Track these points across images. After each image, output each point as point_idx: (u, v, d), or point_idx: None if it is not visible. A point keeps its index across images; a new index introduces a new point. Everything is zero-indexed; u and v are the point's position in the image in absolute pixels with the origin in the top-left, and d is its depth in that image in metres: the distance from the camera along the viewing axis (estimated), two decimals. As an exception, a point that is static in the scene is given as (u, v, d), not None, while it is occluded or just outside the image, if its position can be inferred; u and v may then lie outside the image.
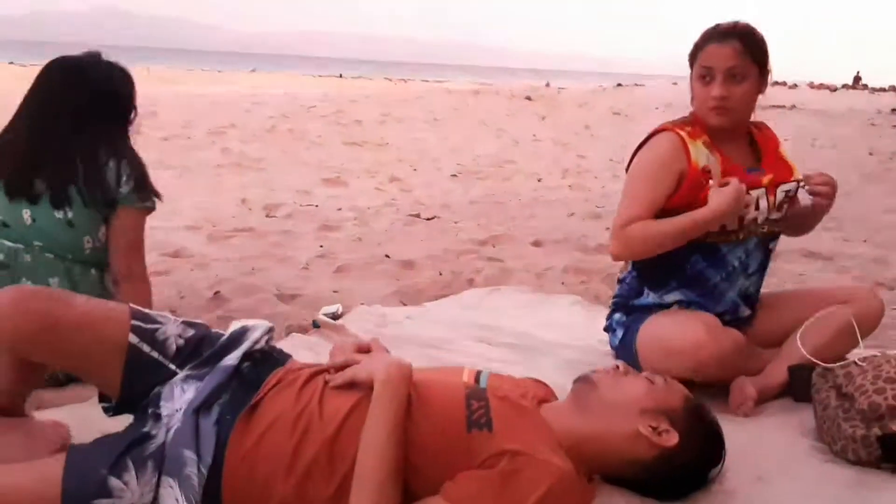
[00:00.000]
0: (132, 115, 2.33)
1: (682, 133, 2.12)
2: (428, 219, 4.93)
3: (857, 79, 44.56)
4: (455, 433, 1.48)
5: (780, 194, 2.17)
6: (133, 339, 1.59)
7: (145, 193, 2.21)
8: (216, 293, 3.10)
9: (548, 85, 24.27)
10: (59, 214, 2.14)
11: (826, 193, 2.17)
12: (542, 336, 2.65)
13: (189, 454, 1.45)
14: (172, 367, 1.61)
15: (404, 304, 3.08)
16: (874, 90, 31.28)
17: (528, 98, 16.04)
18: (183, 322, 1.69)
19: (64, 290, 1.91)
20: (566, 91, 21.88)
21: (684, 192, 2.09)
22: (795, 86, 29.71)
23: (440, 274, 3.55)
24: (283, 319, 2.80)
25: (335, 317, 2.78)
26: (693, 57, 2.16)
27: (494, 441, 1.47)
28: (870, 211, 5.53)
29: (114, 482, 1.40)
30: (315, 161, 7.01)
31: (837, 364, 1.94)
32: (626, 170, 2.27)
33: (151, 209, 2.26)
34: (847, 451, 1.77)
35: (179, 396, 1.56)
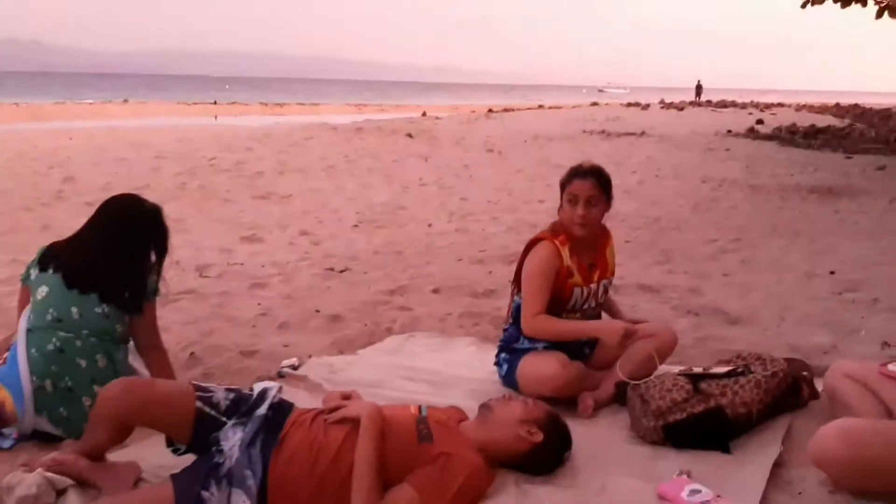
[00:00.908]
0: (166, 251, 3.22)
1: (557, 242, 3.19)
2: (341, 271, 5.82)
3: (698, 87, 48.23)
4: (411, 445, 2.46)
5: (601, 287, 3.29)
6: (199, 404, 2.49)
7: (159, 291, 3.13)
8: (192, 354, 3.91)
9: (424, 114, 25.50)
10: (97, 310, 2.99)
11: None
12: (450, 372, 3.62)
13: (248, 472, 2.37)
14: (224, 419, 2.52)
15: (342, 353, 4.00)
16: (714, 106, 34.13)
17: (409, 135, 17.15)
18: (225, 388, 2.61)
19: (147, 378, 2.80)
20: (441, 123, 23.16)
21: (557, 284, 3.19)
22: (648, 106, 32.24)
23: (364, 325, 4.45)
24: (252, 372, 3.66)
25: (295, 368, 3.69)
26: (563, 186, 3.23)
27: (435, 448, 2.45)
28: (693, 242, 6.79)
29: (205, 493, 2.31)
30: (230, 217, 7.75)
31: (641, 381, 3.04)
32: (518, 267, 3.31)
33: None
34: (646, 437, 2.85)
35: (233, 437, 2.46)
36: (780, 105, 41.70)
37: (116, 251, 3.05)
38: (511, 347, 3.38)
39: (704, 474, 2.54)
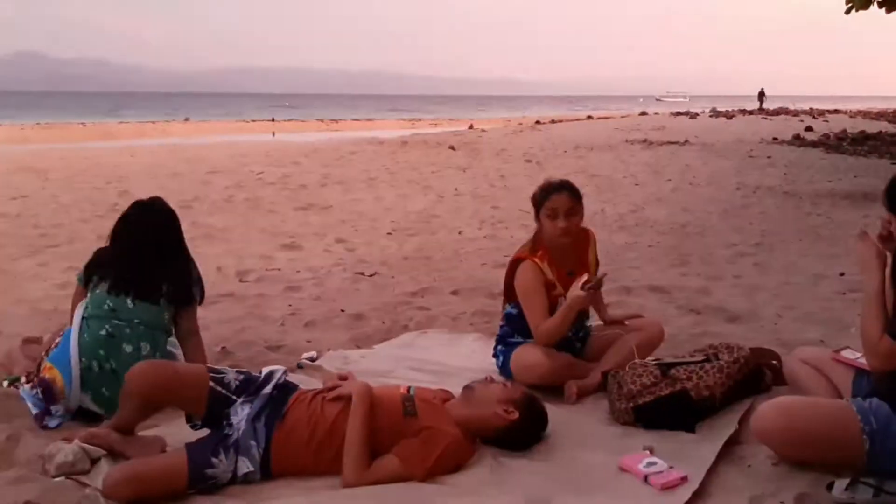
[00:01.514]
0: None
1: (536, 259, 3.48)
2: (370, 275, 6.18)
3: (761, 94, 47.55)
4: (397, 419, 2.77)
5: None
6: (212, 384, 2.85)
7: (203, 294, 3.53)
8: (223, 349, 4.30)
9: (471, 127, 25.91)
10: (151, 304, 3.41)
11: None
12: (454, 363, 3.94)
13: (252, 443, 2.72)
14: (234, 397, 2.86)
15: (359, 347, 4.33)
16: (767, 114, 33.65)
17: (452, 148, 17.54)
18: (236, 371, 2.97)
19: (167, 361, 3.19)
20: (486, 135, 23.53)
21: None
22: (697, 115, 32.03)
23: (383, 323, 4.80)
24: (275, 364, 4.04)
25: (313, 360, 4.05)
26: (540, 203, 3.48)
27: (418, 422, 2.76)
28: (713, 246, 6.97)
29: (214, 460, 2.66)
30: (272, 227, 8.21)
31: (621, 370, 3.29)
32: (506, 281, 3.62)
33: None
34: (619, 418, 3.11)
35: (241, 412, 2.81)
36: (836, 111, 40.90)
37: (145, 256, 3.45)
38: (506, 341, 3.69)
39: (666, 450, 2.79)
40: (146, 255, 3.45)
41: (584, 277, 3.35)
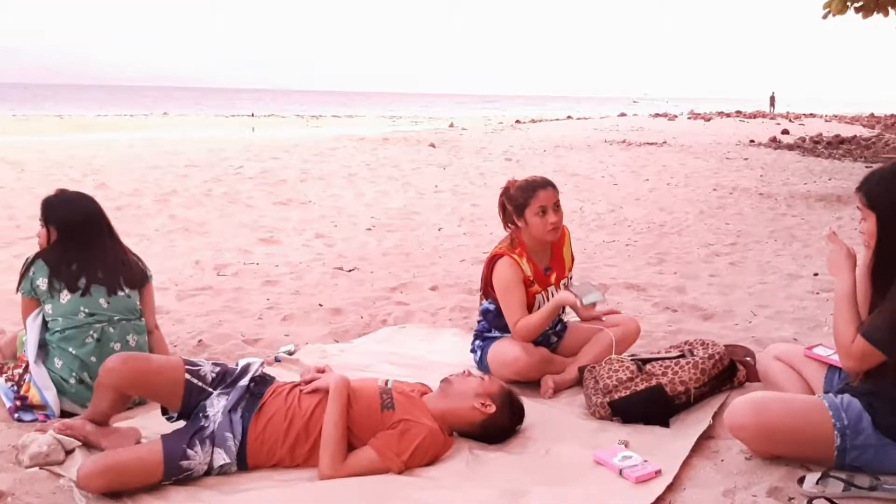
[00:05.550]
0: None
1: (514, 256, 3.49)
2: (349, 270, 6.16)
3: (772, 99, 48.03)
4: (374, 412, 2.77)
5: (562, 286, 3.58)
6: (188, 376, 2.83)
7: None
8: (199, 341, 4.28)
9: (451, 125, 25.99)
10: (120, 293, 3.37)
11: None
12: (432, 358, 3.95)
13: (228, 435, 2.71)
14: (210, 389, 2.85)
15: (337, 342, 4.34)
16: (743, 116, 33.96)
17: (432, 145, 17.53)
18: (212, 363, 2.95)
19: (143, 353, 3.17)
20: (467, 133, 23.55)
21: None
22: (675, 117, 32.35)
23: (361, 317, 4.79)
24: (252, 357, 4.03)
25: (291, 353, 4.04)
26: (526, 202, 3.45)
27: (396, 415, 2.77)
28: (690, 245, 7.03)
29: (190, 451, 2.64)
30: (250, 222, 8.16)
31: (597, 365, 3.32)
32: (483, 277, 3.62)
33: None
34: (595, 412, 3.13)
35: (217, 404, 2.80)
36: (812, 115, 41.38)
37: (98, 248, 3.41)
38: (483, 336, 3.70)
39: (641, 444, 2.83)
40: (99, 248, 3.41)
41: (570, 278, 3.38)
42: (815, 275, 5.68)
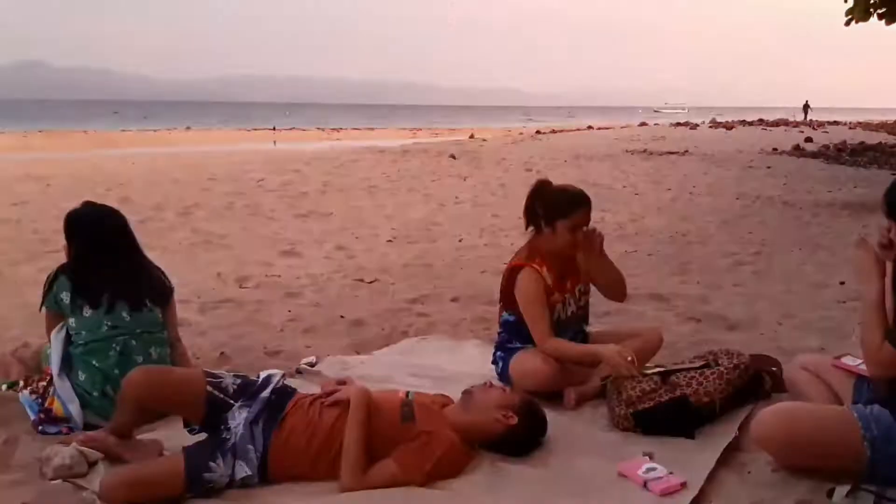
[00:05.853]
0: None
1: (536, 266, 3.46)
2: (370, 282, 6.17)
3: (806, 106, 47.78)
4: (395, 424, 2.76)
5: (577, 292, 3.56)
6: (209, 388, 2.84)
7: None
8: (221, 354, 4.29)
9: (472, 137, 26.03)
10: (144, 309, 3.39)
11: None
12: (454, 369, 3.93)
13: (250, 447, 2.70)
14: (231, 401, 2.85)
15: (358, 353, 4.33)
16: (766, 125, 33.73)
17: (453, 157, 17.57)
18: (233, 375, 2.96)
19: (164, 366, 3.18)
20: (487, 144, 23.59)
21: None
22: (696, 126, 32.22)
23: (382, 329, 4.79)
24: (273, 370, 4.04)
25: (312, 365, 4.04)
26: (565, 213, 3.41)
27: (417, 427, 2.75)
28: (713, 255, 6.97)
29: (212, 464, 2.64)
30: (271, 234, 8.20)
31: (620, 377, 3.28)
32: (502, 288, 3.57)
33: None
34: (619, 424, 3.10)
35: (239, 416, 2.79)
36: (836, 123, 40.99)
37: (115, 262, 3.40)
38: (505, 347, 3.67)
39: (665, 456, 2.78)
40: (123, 262, 3.42)
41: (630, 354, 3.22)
42: (842, 283, 5.61)
